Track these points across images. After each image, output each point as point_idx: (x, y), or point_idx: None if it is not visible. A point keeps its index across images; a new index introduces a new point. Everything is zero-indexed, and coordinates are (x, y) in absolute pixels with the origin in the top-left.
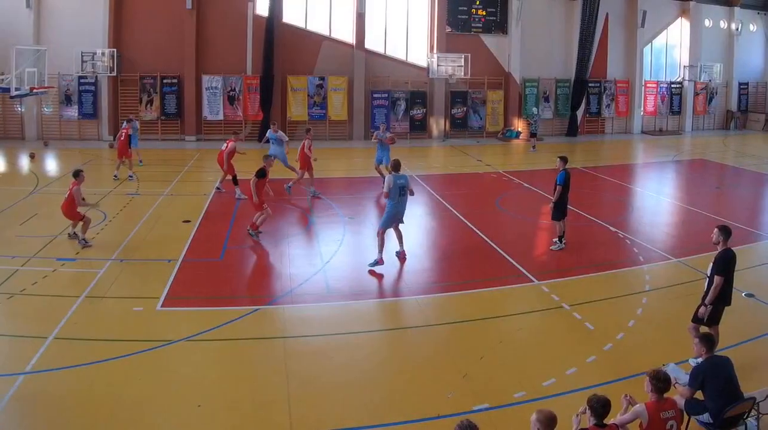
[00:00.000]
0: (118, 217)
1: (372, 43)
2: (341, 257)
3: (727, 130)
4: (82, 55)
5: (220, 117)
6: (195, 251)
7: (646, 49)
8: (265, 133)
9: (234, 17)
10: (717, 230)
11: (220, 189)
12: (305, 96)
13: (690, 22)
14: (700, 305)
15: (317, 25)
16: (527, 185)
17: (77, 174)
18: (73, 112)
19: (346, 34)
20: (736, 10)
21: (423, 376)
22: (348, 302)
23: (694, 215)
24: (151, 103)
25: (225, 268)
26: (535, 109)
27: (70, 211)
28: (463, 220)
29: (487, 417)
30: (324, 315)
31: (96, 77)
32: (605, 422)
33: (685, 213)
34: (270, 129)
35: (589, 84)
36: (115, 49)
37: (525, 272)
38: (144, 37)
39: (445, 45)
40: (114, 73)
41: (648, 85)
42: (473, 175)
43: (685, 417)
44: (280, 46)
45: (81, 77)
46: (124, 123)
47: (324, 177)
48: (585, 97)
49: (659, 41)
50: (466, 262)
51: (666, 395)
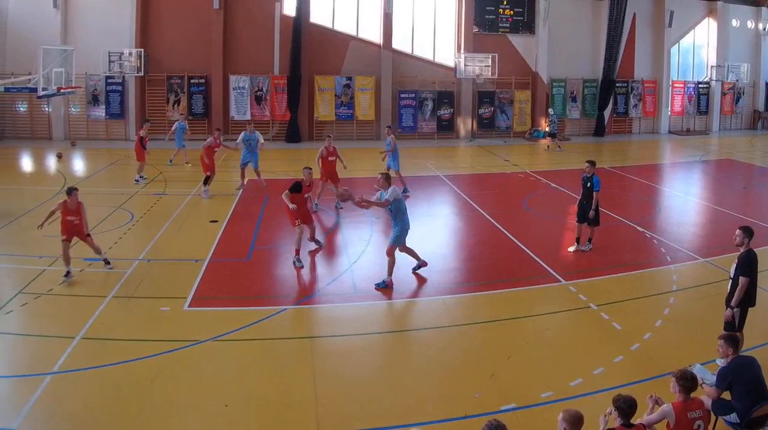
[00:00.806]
0: (145, 217)
1: (399, 43)
2: (368, 257)
3: (754, 130)
4: (110, 55)
5: (248, 117)
6: (222, 251)
7: (674, 49)
8: (293, 134)
9: (261, 17)
10: (740, 231)
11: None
12: (332, 96)
13: (717, 22)
14: (728, 310)
15: (344, 25)
16: (554, 185)
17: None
18: (100, 112)
19: (373, 34)
20: (763, 10)
21: (450, 376)
22: (375, 301)
23: (721, 215)
24: (179, 103)
25: (252, 268)
26: (551, 109)
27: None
28: (491, 220)
29: (515, 417)
30: (351, 315)
31: (123, 77)
32: (632, 422)
33: (712, 213)
34: (245, 130)
35: (617, 84)
36: (142, 49)
37: (552, 272)
38: (171, 37)
39: (472, 45)
40: (141, 73)
41: (675, 85)
42: (500, 175)
43: (713, 417)
44: (308, 46)
45: (108, 77)
46: (145, 125)
47: (351, 177)
48: (612, 97)
49: (686, 41)
50: (493, 262)
51: (693, 395)
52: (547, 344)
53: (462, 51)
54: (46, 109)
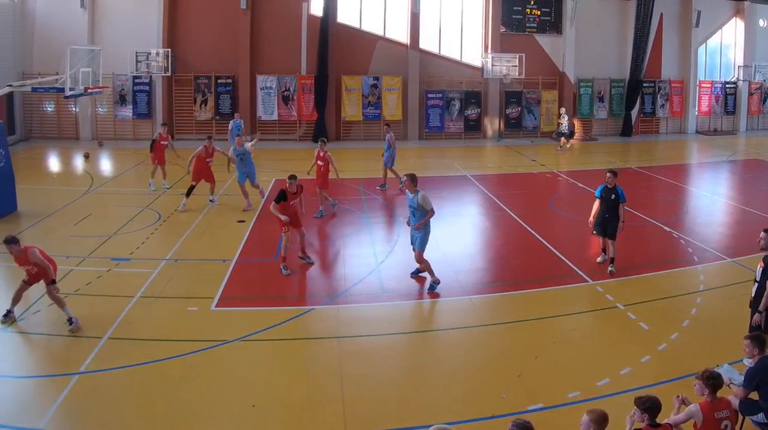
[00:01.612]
0: (173, 217)
1: (426, 43)
2: (396, 257)
3: None
4: (137, 55)
5: (275, 117)
6: (249, 251)
7: (701, 49)
8: (320, 134)
9: (288, 17)
10: (764, 234)
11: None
12: (360, 96)
13: (744, 22)
14: (753, 314)
15: (371, 24)
16: (582, 185)
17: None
18: (127, 112)
19: (400, 33)
20: None
21: (478, 376)
22: (402, 302)
23: (748, 215)
24: (206, 103)
25: (279, 268)
26: (563, 108)
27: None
28: (518, 220)
29: (542, 417)
30: (378, 315)
31: (150, 77)
32: (658, 421)
33: (740, 213)
34: (233, 145)
35: (644, 84)
36: (169, 49)
37: (579, 272)
38: (198, 37)
39: (499, 45)
40: (168, 73)
41: (702, 85)
42: (527, 175)
43: (740, 417)
44: (335, 46)
45: (135, 77)
46: (162, 128)
47: (378, 177)
48: (639, 97)
49: (713, 41)
50: (521, 262)
51: (720, 395)
52: (574, 344)
53: (489, 51)
54: (74, 109)
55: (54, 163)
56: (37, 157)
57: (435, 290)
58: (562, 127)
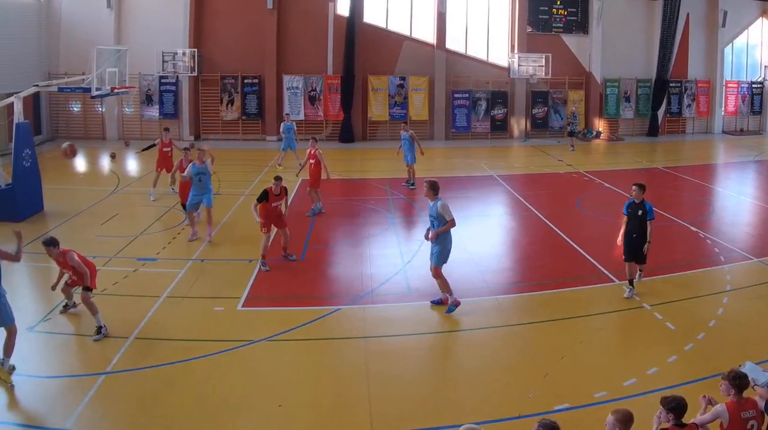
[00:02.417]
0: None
1: (453, 43)
2: (422, 257)
3: None
4: (163, 55)
5: (301, 117)
6: (276, 251)
7: (727, 49)
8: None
9: (315, 17)
10: None
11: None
12: (386, 96)
13: None
14: None
15: (398, 24)
16: (608, 185)
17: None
18: (153, 112)
19: (426, 33)
20: None
21: (504, 376)
22: (428, 302)
23: None
24: (232, 103)
25: (306, 268)
26: (573, 107)
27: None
28: (544, 219)
29: (569, 417)
30: (404, 315)
31: (177, 77)
32: (684, 421)
33: (766, 213)
34: (193, 160)
35: (670, 84)
36: (195, 49)
37: (605, 272)
38: (225, 37)
39: (525, 45)
40: (195, 73)
41: (729, 85)
42: (554, 175)
43: (766, 417)
44: (361, 46)
45: (162, 77)
46: (165, 133)
47: (401, 177)
48: (666, 97)
49: (740, 41)
50: (547, 262)
51: (746, 395)
52: (600, 344)
53: (516, 51)
54: (100, 109)
55: (80, 163)
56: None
57: (453, 311)
58: (573, 127)
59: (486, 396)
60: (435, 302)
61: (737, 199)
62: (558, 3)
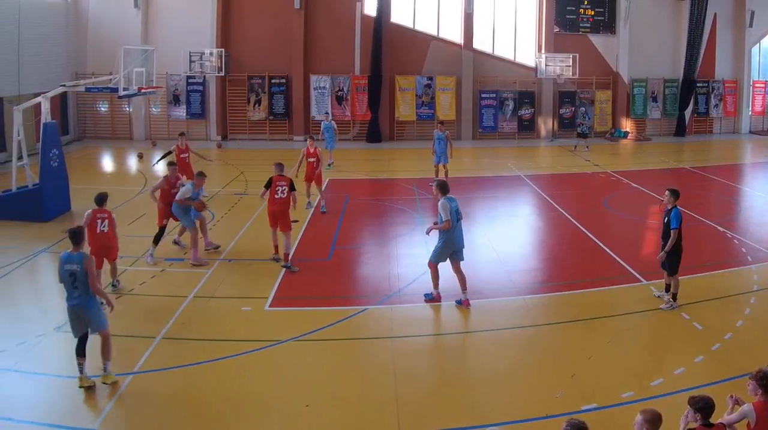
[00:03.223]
0: (227, 216)
1: (480, 42)
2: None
3: None
4: (190, 55)
5: (324, 118)
6: (303, 251)
7: (754, 48)
8: (374, 134)
9: (342, 17)
10: None
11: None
12: (413, 96)
13: None
14: None
15: (425, 24)
16: (635, 185)
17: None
18: (180, 112)
19: (454, 34)
20: None
21: (531, 376)
22: (455, 302)
23: None
24: (260, 103)
25: (333, 268)
26: (583, 108)
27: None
28: (571, 219)
29: (596, 417)
30: (432, 315)
31: (204, 77)
32: (712, 421)
33: None
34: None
35: (697, 84)
36: (223, 49)
37: (633, 272)
38: (252, 37)
39: (553, 45)
40: (222, 73)
41: (756, 85)
42: (581, 175)
43: None
44: (388, 46)
45: (189, 77)
46: (180, 138)
47: (428, 177)
48: (693, 97)
49: (767, 41)
50: (574, 261)
51: None
52: (627, 343)
53: (543, 51)
54: (127, 109)
55: (107, 163)
56: (90, 157)
57: (431, 299)
58: (583, 128)
59: (513, 396)
60: (458, 302)
61: (764, 199)
62: (585, 3)
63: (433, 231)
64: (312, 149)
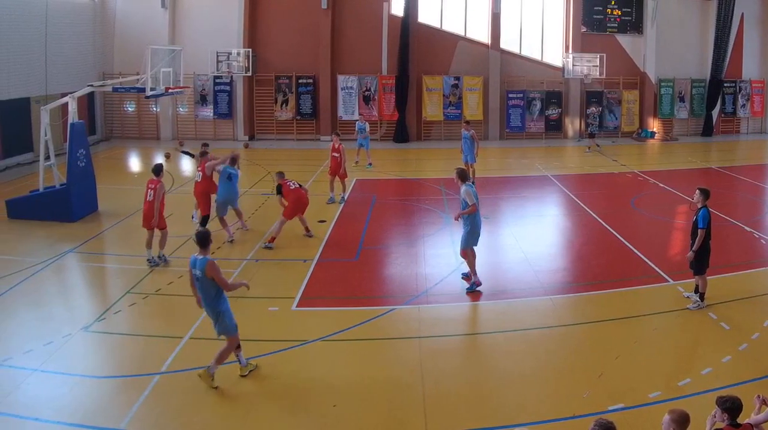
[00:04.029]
0: (254, 217)
1: (507, 43)
2: (477, 257)
3: None
4: (218, 55)
5: (356, 117)
6: (330, 251)
7: None
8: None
9: (369, 17)
10: None
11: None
12: (440, 96)
13: None
14: None
15: (452, 24)
16: (663, 185)
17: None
18: (208, 112)
19: (481, 34)
20: None
21: (559, 376)
22: (482, 302)
23: None
24: (287, 103)
25: (360, 268)
26: (593, 108)
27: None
28: (598, 219)
29: (623, 417)
30: (459, 315)
31: (231, 77)
32: (739, 421)
33: None
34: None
35: (725, 84)
36: (250, 49)
37: (660, 272)
38: (279, 37)
39: (580, 45)
40: (249, 73)
41: None
42: (608, 175)
43: None
44: (416, 46)
45: (216, 77)
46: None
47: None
48: (720, 97)
49: None
50: (601, 262)
51: None
52: (655, 343)
53: (570, 51)
54: (154, 109)
55: (135, 163)
56: (117, 157)
57: (474, 290)
58: (593, 128)
59: (540, 396)
60: (464, 275)
61: None
62: (612, 3)
63: (460, 217)
64: (336, 145)
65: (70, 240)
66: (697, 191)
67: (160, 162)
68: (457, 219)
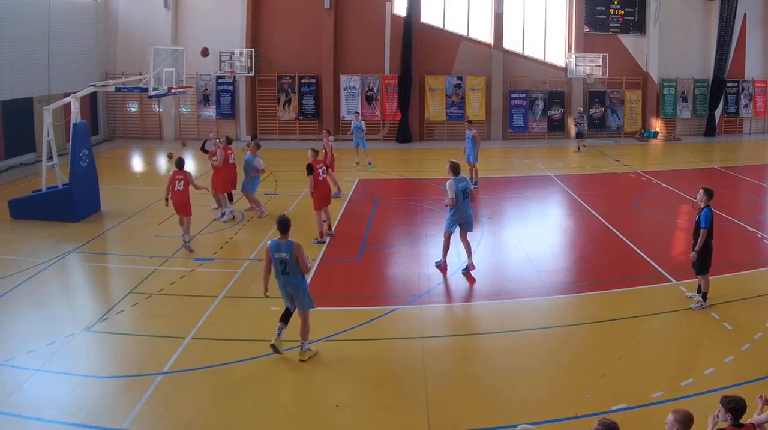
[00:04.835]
0: (257, 217)
1: (510, 43)
2: (479, 257)
3: None
4: (220, 55)
5: (354, 118)
6: (333, 251)
7: None
8: (404, 134)
9: (372, 17)
10: None
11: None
12: (443, 96)
13: None
14: None
15: (455, 24)
16: (666, 185)
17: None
18: (210, 112)
19: (484, 33)
20: None
21: (561, 376)
22: (486, 302)
23: None
24: (289, 103)
25: (363, 268)
26: (580, 108)
27: (187, 203)
28: (601, 220)
29: (625, 417)
30: (462, 315)
31: (234, 77)
32: (742, 422)
33: None
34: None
35: (727, 84)
36: (253, 49)
37: (663, 272)
38: (282, 37)
39: (582, 45)
40: (252, 73)
41: None
42: (611, 175)
43: None
44: (418, 46)
45: (219, 77)
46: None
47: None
48: (723, 97)
49: None
50: (604, 262)
51: None
52: (657, 343)
53: (573, 51)
54: (157, 109)
55: (137, 163)
56: (120, 157)
57: (439, 265)
58: (580, 128)
59: (543, 396)
60: (464, 270)
61: None
62: (615, 3)
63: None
64: (326, 141)
65: (72, 240)
66: (701, 191)
67: (181, 156)
68: (445, 206)
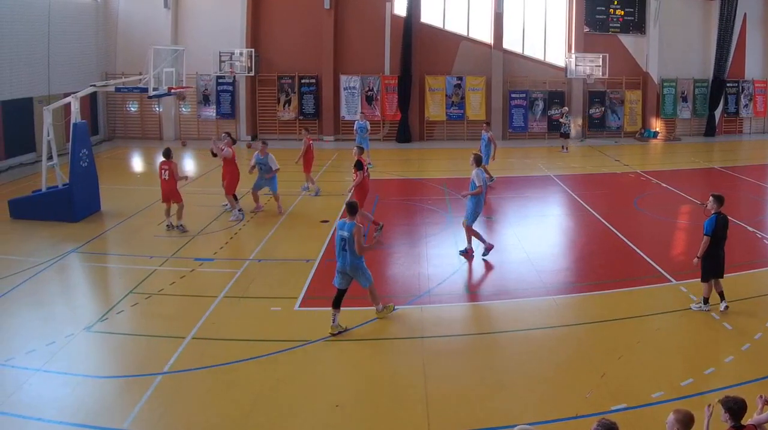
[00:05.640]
0: (257, 216)
1: (510, 42)
2: (479, 257)
3: None
4: (220, 55)
5: (358, 117)
6: (333, 250)
7: None
8: (404, 134)
9: (372, 17)
10: None
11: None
12: (443, 96)
13: None
14: None
15: (455, 24)
16: (666, 185)
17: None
18: (210, 112)
19: (484, 33)
20: None
21: (561, 376)
22: (486, 302)
23: None
24: (289, 103)
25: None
26: (566, 107)
27: (173, 190)
28: (601, 220)
29: (625, 417)
30: (462, 315)
31: (234, 77)
32: (742, 423)
33: None
34: (256, 150)
35: (727, 84)
36: (253, 49)
37: (663, 272)
38: (282, 37)
39: (583, 45)
40: (252, 73)
41: None
42: (611, 175)
43: None
44: (418, 46)
45: (219, 77)
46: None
47: (462, 177)
48: (723, 97)
49: None
50: (604, 262)
51: None
52: (657, 344)
53: (573, 51)
54: (157, 109)
55: (137, 163)
56: (120, 157)
57: (464, 252)
58: (565, 128)
59: (543, 396)
60: (462, 252)
61: None
62: (615, 3)
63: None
64: (304, 139)
65: (72, 240)
66: (711, 198)
67: (167, 147)
68: (464, 197)
